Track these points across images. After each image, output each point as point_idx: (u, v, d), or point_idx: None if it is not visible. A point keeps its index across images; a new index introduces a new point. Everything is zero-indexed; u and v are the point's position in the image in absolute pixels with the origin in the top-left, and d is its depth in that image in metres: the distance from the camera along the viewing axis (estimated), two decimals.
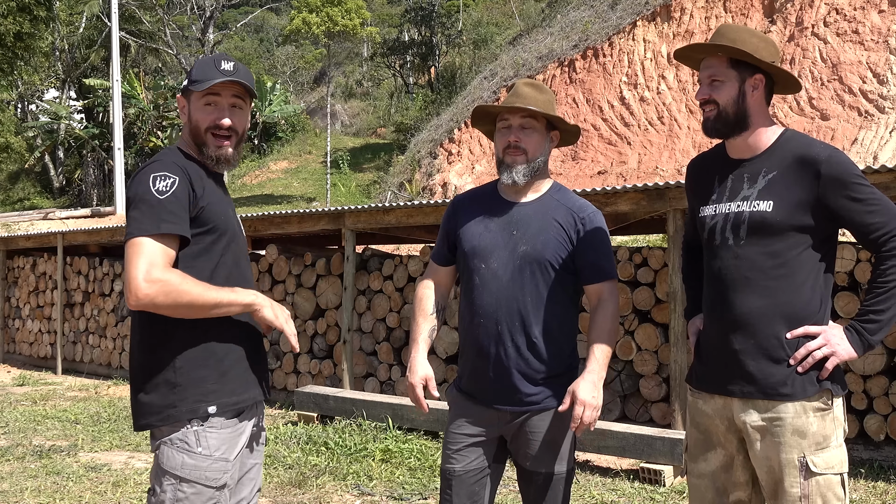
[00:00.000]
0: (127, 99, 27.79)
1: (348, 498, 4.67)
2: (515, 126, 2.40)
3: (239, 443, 2.15)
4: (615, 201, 5.72)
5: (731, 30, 2.22)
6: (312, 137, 31.92)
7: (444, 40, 33.04)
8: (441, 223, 2.57)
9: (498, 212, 2.45)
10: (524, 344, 2.35)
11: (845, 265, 5.29)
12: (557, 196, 2.47)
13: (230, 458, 2.11)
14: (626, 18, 18.54)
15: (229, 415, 2.12)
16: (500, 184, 2.51)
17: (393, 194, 21.14)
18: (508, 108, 2.40)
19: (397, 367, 7.23)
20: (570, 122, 2.50)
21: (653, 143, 16.56)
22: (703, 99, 2.23)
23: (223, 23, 39.42)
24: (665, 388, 5.87)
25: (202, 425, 2.07)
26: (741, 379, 2.16)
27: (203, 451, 2.06)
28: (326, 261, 7.77)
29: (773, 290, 2.14)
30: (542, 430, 2.37)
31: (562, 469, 2.39)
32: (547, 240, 2.37)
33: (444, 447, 2.50)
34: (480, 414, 2.42)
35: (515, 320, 2.35)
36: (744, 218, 2.17)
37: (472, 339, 2.42)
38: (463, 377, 2.49)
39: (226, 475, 2.10)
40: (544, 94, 2.42)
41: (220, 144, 2.19)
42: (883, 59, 14.36)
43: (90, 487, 4.91)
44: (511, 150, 2.39)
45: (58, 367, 10.38)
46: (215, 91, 2.17)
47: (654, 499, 4.60)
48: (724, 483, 2.26)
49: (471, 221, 2.47)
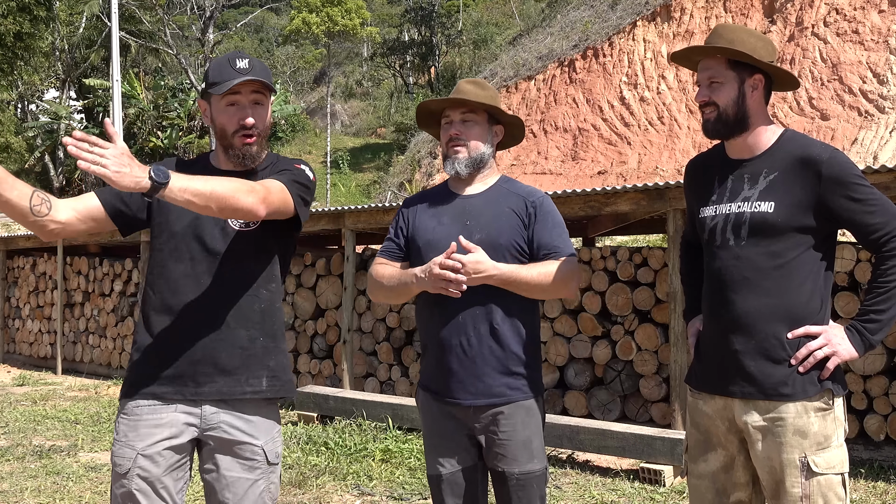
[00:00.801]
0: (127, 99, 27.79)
1: (348, 498, 4.67)
2: (456, 120, 2.46)
3: (154, 434, 2.12)
4: (615, 201, 5.72)
5: (729, 30, 2.21)
6: (312, 137, 31.94)
7: (444, 40, 33.06)
8: (390, 225, 2.59)
9: (449, 205, 2.49)
10: (486, 331, 2.34)
11: (845, 265, 5.29)
12: (506, 185, 2.51)
13: (136, 447, 2.11)
14: (626, 18, 18.54)
15: (143, 403, 2.15)
16: (449, 181, 2.56)
17: (393, 194, 21.14)
18: (449, 102, 2.46)
19: (397, 367, 7.23)
20: (510, 114, 2.55)
21: (653, 143, 16.56)
22: (702, 101, 2.23)
23: (223, 23, 39.42)
24: (665, 388, 5.87)
25: (121, 411, 2.18)
26: (742, 379, 2.16)
27: (117, 437, 2.16)
28: (326, 261, 7.77)
29: (773, 290, 2.14)
30: (511, 427, 2.34)
31: (535, 468, 2.36)
32: (501, 226, 2.39)
33: (425, 453, 2.50)
34: (450, 413, 2.40)
35: (476, 308, 2.34)
36: (745, 219, 2.17)
37: (433, 333, 2.41)
38: (426, 374, 2.48)
39: (128, 462, 2.10)
40: (486, 90, 2.47)
41: (245, 142, 2.21)
42: (883, 59, 14.36)
43: (90, 487, 4.91)
44: (452, 143, 2.45)
45: (58, 367, 10.38)
46: (235, 91, 2.18)
47: (654, 499, 4.60)
48: (725, 484, 2.26)
49: (423, 217, 2.50)
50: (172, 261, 2.19)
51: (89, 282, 10.25)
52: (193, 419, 2.16)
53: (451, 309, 2.35)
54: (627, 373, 6.10)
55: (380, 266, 2.50)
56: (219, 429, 2.17)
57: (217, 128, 2.22)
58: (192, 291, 2.16)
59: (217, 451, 2.17)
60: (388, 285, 2.44)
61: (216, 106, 2.20)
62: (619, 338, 6.11)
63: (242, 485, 2.18)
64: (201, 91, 2.25)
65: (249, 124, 2.19)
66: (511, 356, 2.36)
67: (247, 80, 2.16)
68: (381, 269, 2.48)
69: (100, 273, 10.09)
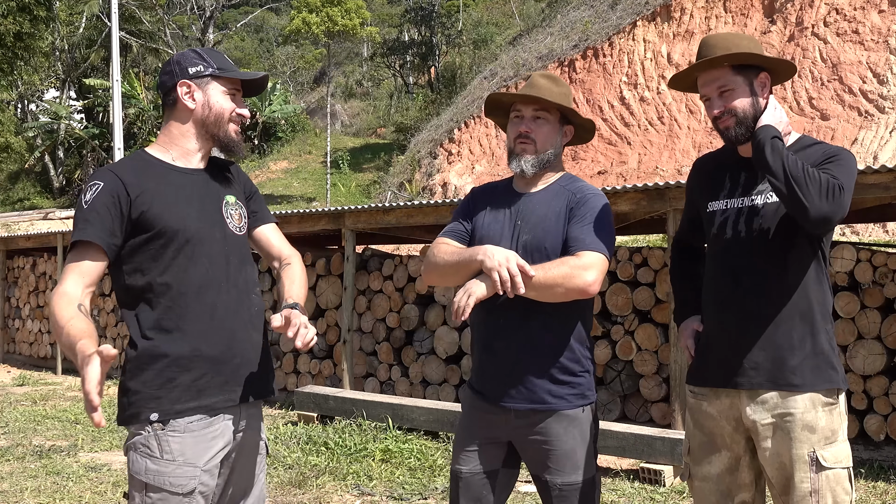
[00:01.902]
0: (127, 99, 27.81)
1: (348, 498, 4.66)
2: (527, 117, 2.36)
3: (212, 447, 2.06)
4: (615, 201, 5.72)
5: (720, 38, 2.23)
6: (312, 137, 31.91)
7: (444, 40, 33.05)
8: (457, 209, 2.52)
9: (507, 203, 2.41)
10: (530, 336, 2.28)
11: (845, 265, 5.29)
12: (564, 183, 2.40)
13: (198, 464, 2.02)
14: (626, 18, 18.54)
15: (195, 418, 2.04)
16: (514, 177, 2.48)
17: (393, 194, 21.14)
18: (521, 98, 2.36)
19: (397, 367, 7.23)
20: (582, 116, 2.43)
21: (653, 143, 16.56)
22: (718, 112, 2.21)
23: (223, 23, 39.44)
24: (665, 388, 5.87)
25: (164, 429, 2.01)
26: (750, 369, 2.17)
27: (167, 457, 2.00)
28: (326, 261, 7.77)
29: (784, 281, 2.17)
30: (554, 435, 2.28)
31: (579, 479, 2.28)
32: (548, 227, 2.31)
33: (454, 445, 2.46)
34: (490, 413, 2.35)
35: (521, 312, 2.27)
36: (759, 211, 2.20)
37: (477, 334, 2.39)
38: (473, 374, 2.44)
39: (193, 481, 2.01)
40: (560, 87, 2.37)
41: (237, 131, 2.23)
42: (883, 59, 14.37)
43: (90, 487, 4.90)
44: (521, 140, 2.36)
45: (58, 367, 10.38)
46: (236, 83, 2.21)
47: (654, 499, 4.60)
48: (730, 486, 2.26)
49: (483, 211, 2.44)
50: (191, 266, 2.09)
51: None
52: (235, 423, 2.15)
53: (494, 311, 2.31)
54: (627, 373, 6.10)
55: (443, 244, 2.39)
56: (247, 430, 2.19)
57: (210, 112, 2.16)
58: (214, 296, 2.11)
59: (233, 451, 2.17)
60: (449, 260, 2.31)
61: (214, 90, 2.17)
62: (619, 338, 6.11)
63: (248, 480, 2.23)
64: (194, 73, 2.16)
65: (247, 115, 2.22)
66: (555, 362, 2.28)
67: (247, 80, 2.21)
68: (445, 248, 2.37)
69: None
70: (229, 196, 2.23)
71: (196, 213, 2.12)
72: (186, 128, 2.17)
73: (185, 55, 2.19)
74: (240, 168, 2.38)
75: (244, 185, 2.33)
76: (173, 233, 2.07)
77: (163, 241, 2.07)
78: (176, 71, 2.16)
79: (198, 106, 2.16)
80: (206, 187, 2.18)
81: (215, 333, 2.08)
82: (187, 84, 2.15)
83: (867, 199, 5.38)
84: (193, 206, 2.12)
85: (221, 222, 2.17)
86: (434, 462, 5.26)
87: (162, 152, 2.17)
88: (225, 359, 2.09)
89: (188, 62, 2.16)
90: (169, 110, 2.19)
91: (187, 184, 2.14)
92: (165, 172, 2.13)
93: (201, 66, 2.16)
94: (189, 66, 2.16)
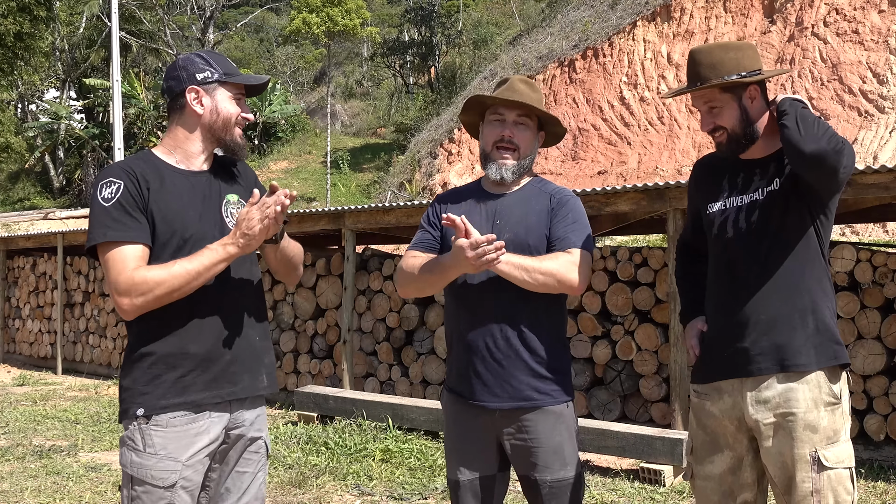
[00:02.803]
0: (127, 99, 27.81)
1: (348, 498, 4.66)
2: (510, 121, 2.35)
3: (195, 443, 2.09)
4: (615, 201, 5.72)
5: (705, 54, 2.25)
6: (312, 137, 31.90)
7: (444, 40, 33.04)
8: (423, 219, 2.50)
9: (481, 205, 2.40)
10: (513, 333, 2.28)
11: (845, 265, 5.29)
12: (538, 185, 2.43)
13: (180, 459, 2.06)
14: (626, 18, 18.53)
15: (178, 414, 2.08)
16: (483, 180, 2.47)
17: (393, 194, 21.14)
18: (506, 102, 2.35)
19: (397, 367, 7.23)
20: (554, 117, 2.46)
21: (653, 143, 16.55)
22: (709, 128, 2.27)
23: (223, 23, 39.44)
24: (665, 388, 5.87)
25: (147, 423, 2.07)
26: (757, 355, 2.18)
27: (149, 450, 2.06)
28: (326, 261, 7.77)
29: (788, 275, 2.19)
30: (540, 432, 2.28)
31: (568, 475, 2.29)
32: (530, 225, 2.33)
33: (446, 456, 2.44)
34: (474, 416, 2.33)
35: (503, 309, 2.28)
36: (758, 205, 2.22)
37: (458, 334, 2.36)
38: (452, 375, 2.41)
39: (174, 475, 2.05)
40: (536, 93, 2.38)
41: (241, 134, 2.27)
42: (883, 59, 14.36)
43: (90, 487, 4.91)
44: (503, 145, 2.35)
45: (58, 367, 10.38)
46: (241, 88, 2.25)
47: (654, 499, 4.60)
48: (732, 485, 2.27)
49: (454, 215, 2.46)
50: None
51: (89, 282, 10.25)
52: (224, 421, 2.17)
53: (477, 310, 2.31)
54: (627, 373, 6.10)
55: (412, 258, 2.38)
56: (242, 427, 2.21)
57: (218, 117, 2.20)
58: (213, 294, 2.14)
59: (230, 448, 2.20)
60: (421, 274, 2.31)
61: (221, 95, 2.21)
62: (618, 338, 6.11)
63: (246, 479, 2.24)
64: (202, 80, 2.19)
65: (251, 119, 2.27)
66: (539, 359, 2.29)
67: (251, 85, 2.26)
68: (414, 261, 2.36)
69: (100, 273, 10.08)
70: (231, 195, 2.26)
71: (196, 214, 2.16)
72: (193, 132, 2.22)
73: (190, 60, 2.22)
74: (247, 165, 2.40)
75: (251, 181, 2.37)
76: (172, 233, 2.11)
77: (162, 241, 2.11)
78: (183, 77, 2.19)
79: (206, 111, 2.20)
80: (208, 188, 2.22)
81: (205, 332, 2.12)
82: (196, 90, 2.19)
83: (867, 199, 5.38)
84: (194, 208, 2.16)
85: (221, 222, 2.20)
86: (434, 462, 5.26)
87: (167, 154, 2.21)
88: (213, 357, 2.13)
89: (195, 68, 2.20)
90: (175, 115, 2.22)
91: (189, 186, 2.18)
92: (169, 174, 2.16)
93: (208, 72, 2.20)
94: (196, 72, 2.19)
